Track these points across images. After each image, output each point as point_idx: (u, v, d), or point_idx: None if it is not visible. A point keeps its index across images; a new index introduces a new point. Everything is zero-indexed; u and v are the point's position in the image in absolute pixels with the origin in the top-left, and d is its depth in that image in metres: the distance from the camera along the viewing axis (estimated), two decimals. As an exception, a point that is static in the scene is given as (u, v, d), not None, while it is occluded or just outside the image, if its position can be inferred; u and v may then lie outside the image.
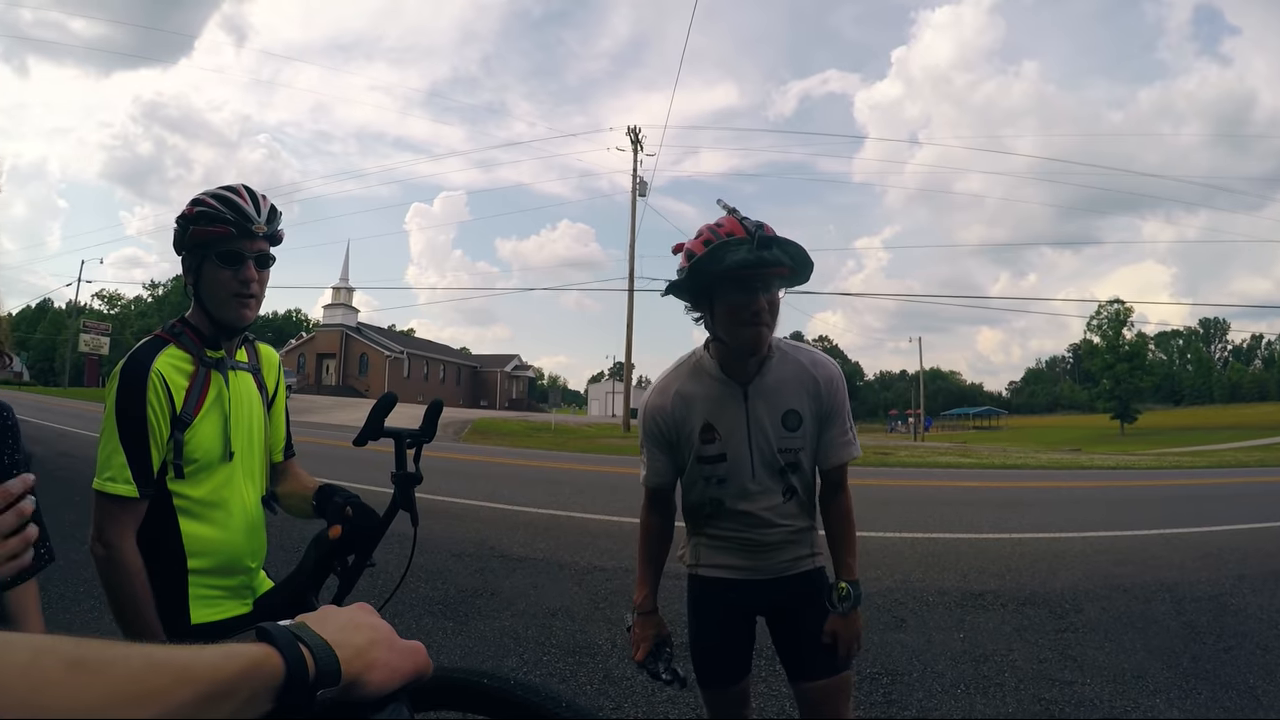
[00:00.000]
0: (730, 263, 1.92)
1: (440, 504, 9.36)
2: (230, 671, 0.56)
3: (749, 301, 1.97)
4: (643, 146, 37.36)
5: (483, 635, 4.73)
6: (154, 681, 0.51)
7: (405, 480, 1.74)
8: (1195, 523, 9.79)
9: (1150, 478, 18.16)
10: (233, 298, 1.84)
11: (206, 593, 1.86)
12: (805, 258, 2.00)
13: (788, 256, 1.97)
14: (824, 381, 2.19)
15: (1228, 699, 4.01)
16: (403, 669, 0.71)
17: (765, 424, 2.16)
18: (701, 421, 2.17)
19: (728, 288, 1.99)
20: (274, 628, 0.64)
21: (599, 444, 25.86)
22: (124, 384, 1.75)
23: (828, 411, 2.20)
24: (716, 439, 2.17)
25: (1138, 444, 48.94)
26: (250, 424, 1.98)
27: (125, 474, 1.71)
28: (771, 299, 2.02)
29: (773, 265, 1.95)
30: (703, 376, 2.21)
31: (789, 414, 2.17)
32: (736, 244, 1.92)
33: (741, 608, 2.29)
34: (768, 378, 2.17)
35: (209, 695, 0.53)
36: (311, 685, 0.62)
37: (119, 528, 1.72)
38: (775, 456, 2.17)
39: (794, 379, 2.18)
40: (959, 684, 4.13)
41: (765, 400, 2.16)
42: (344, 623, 0.71)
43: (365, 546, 1.74)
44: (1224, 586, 6.37)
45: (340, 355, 65.56)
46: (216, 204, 1.82)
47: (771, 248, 1.93)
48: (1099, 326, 71.30)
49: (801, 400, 2.18)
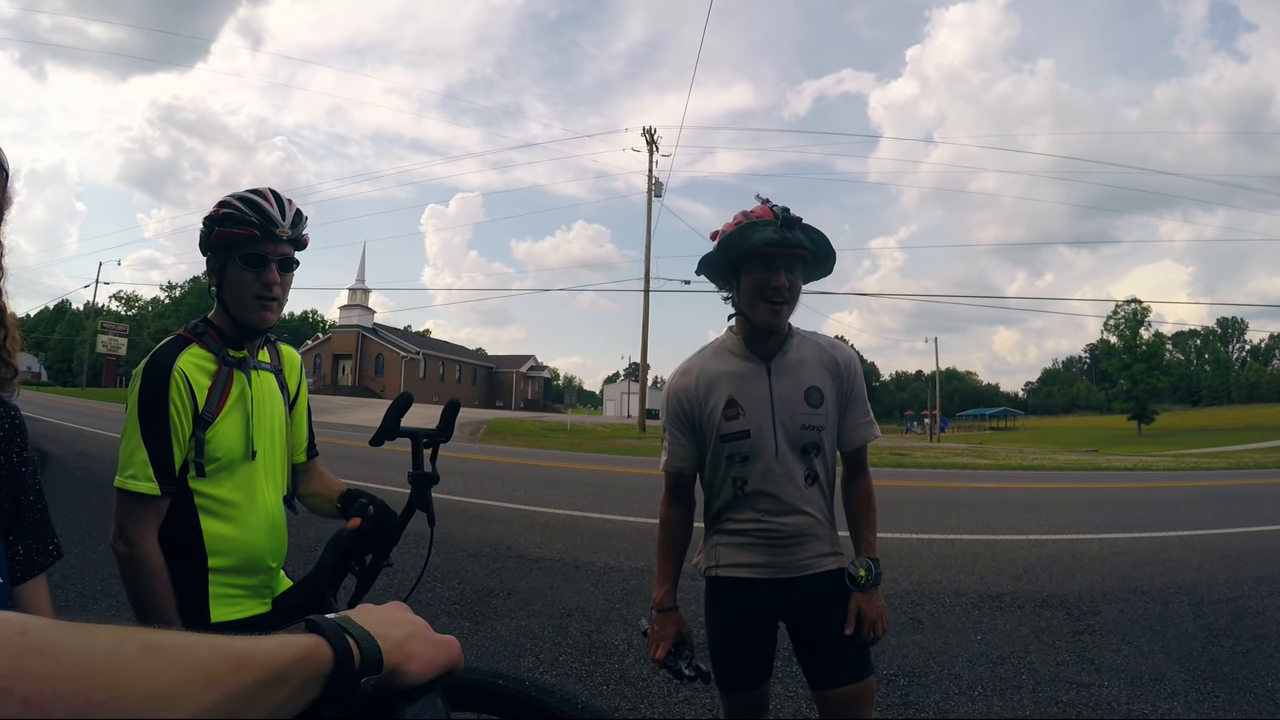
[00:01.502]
0: (756, 240, 2.06)
1: (456, 504, 9.41)
2: (285, 659, 0.61)
3: (771, 278, 2.09)
4: (658, 147, 37.26)
5: (499, 635, 4.76)
6: (220, 666, 0.55)
7: (422, 480, 1.75)
8: (1213, 525, 9.71)
9: (1168, 479, 18.01)
10: (254, 300, 1.85)
11: (227, 591, 1.87)
12: (827, 245, 2.15)
13: (810, 241, 2.10)
14: (843, 362, 2.28)
15: (1245, 702, 3.99)
16: (438, 660, 0.76)
17: (789, 399, 2.20)
18: (725, 397, 2.22)
19: (753, 264, 2.11)
20: (322, 620, 0.69)
21: (614, 444, 25.86)
22: (146, 382, 1.76)
23: (848, 392, 2.28)
24: (741, 414, 2.20)
25: (1155, 445, 48.58)
26: (272, 424, 1.99)
27: (147, 471, 1.72)
28: (793, 280, 2.12)
29: (795, 246, 2.07)
30: (726, 355, 2.28)
31: (811, 390, 2.22)
32: (763, 224, 2.07)
33: (762, 610, 2.26)
34: (789, 355, 2.24)
35: (267, 680, 0.58)
36: (357, 673, 0.68)
37: (141, 525, 1.73)
38: (799, 433, 2.20)
39: (814, 358, 2.26)
40: (976, 686, 4.12)
41: (789, 376, 2.22)
42: (383, 617, 0.77)
43: (383, 546, 1.75)
44: (1242, 589, 6.32)
45: (356, 356, 65.83)
46: (242, 206, 1.83)
47: (795, 229, 2.07)
48: (1116, 326, 70.71)
49: (823, 378, 2.24)
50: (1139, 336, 69.31)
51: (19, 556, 1.47)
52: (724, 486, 2.27)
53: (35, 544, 1.50)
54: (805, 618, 2.26)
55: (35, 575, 1.50)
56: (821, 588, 2.23)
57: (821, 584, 2.23)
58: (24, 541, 1.47)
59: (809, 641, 2.26)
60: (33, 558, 1.49)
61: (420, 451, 1.77)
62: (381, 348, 66.50)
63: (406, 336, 72.32)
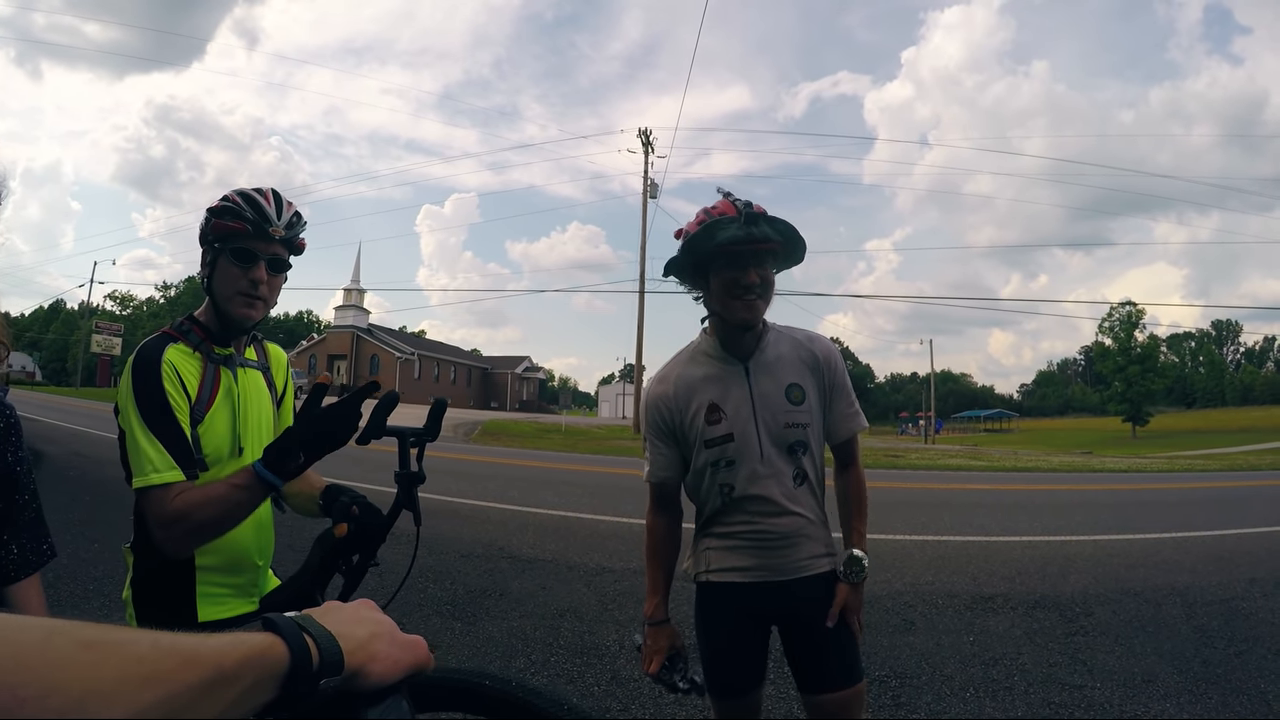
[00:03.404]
0: (721, 239, 2.02)
1: (449, 505, 9.37)
2: (236, 658, 0.58)
3: (740, 275, 2.05)
4: (654, 148, 37.30)
5: (491, 636, 4.74)
6: (162, 664, 0.53)
7: (408, 479, 1.72)
8: (1207, 526, 9.73)
9: (1162, 481, 18.05)
10: (239, 295, 1.83)
11: (214, 590, 1.85)
12: (795, 234, 2.09)
13: (776, 232, 2.05)
14: (822, 356, 2.25)
15: (1239, 703, 3.99)
16: (404, 661, 0.74)
17: (770, 398, 2.18)
18: (706, 402, 2.18)
19: (720, 263, 2.07)
20: (279, 618, 0.67)
21: (609, 445, 25.83)
22: (138, 374, 1.71)
23: (830, 384, 2.25)
24: (723, 418, 2.17)
25: (1149, 447, 48.70)
26: (260, 421, 1.97)
27: (166, 460, 1.65)
28: (764, 274, 2.08)
29: (761, 240, 2.03)
30: (702, 359, 2.25)
31: (792, 387, 2.19)
32: (727, 222, 2.04)
33: (754, 614, 2.23)
34: (767, 353, 2.21)
35: (214, 680, 0.55)
36: (315, 674, 0.65)
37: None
38: (783, 432, 2.17)
39: (791, 354, 2.23)
40: (968, 687, 4.12)
41: (768, 374, 2.19)
42: (347, 616, 0.74)
43: (370, 546, 1.73)
44: (1235, 590, 6.33)
45: (351, 356, 65.68)
46: (240, 201, 1.82)
47: (760, 224, 2.03)
48: (1111, 328, 70.91)
49: (803, 374, 2.22)
50: (1134, 339, 69.53)
51: (13, 555, 1.46)
52: (710, 494, 2.23)
53: (29, 543, 1.49)
54: (798, 621, 2.22)
55: (29, 574, 1.49)
56: (815, 591, 2.20)
57: (815, 586, 2.20)
58: (18, 540, 1.46)
59: (801, 645, 2.22)
60: (27, 557, 1.48)
61: (407, 451, 1.75)
62: (376, 348, 66.37)
63: (401, 337, 72.25)
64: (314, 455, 1.65)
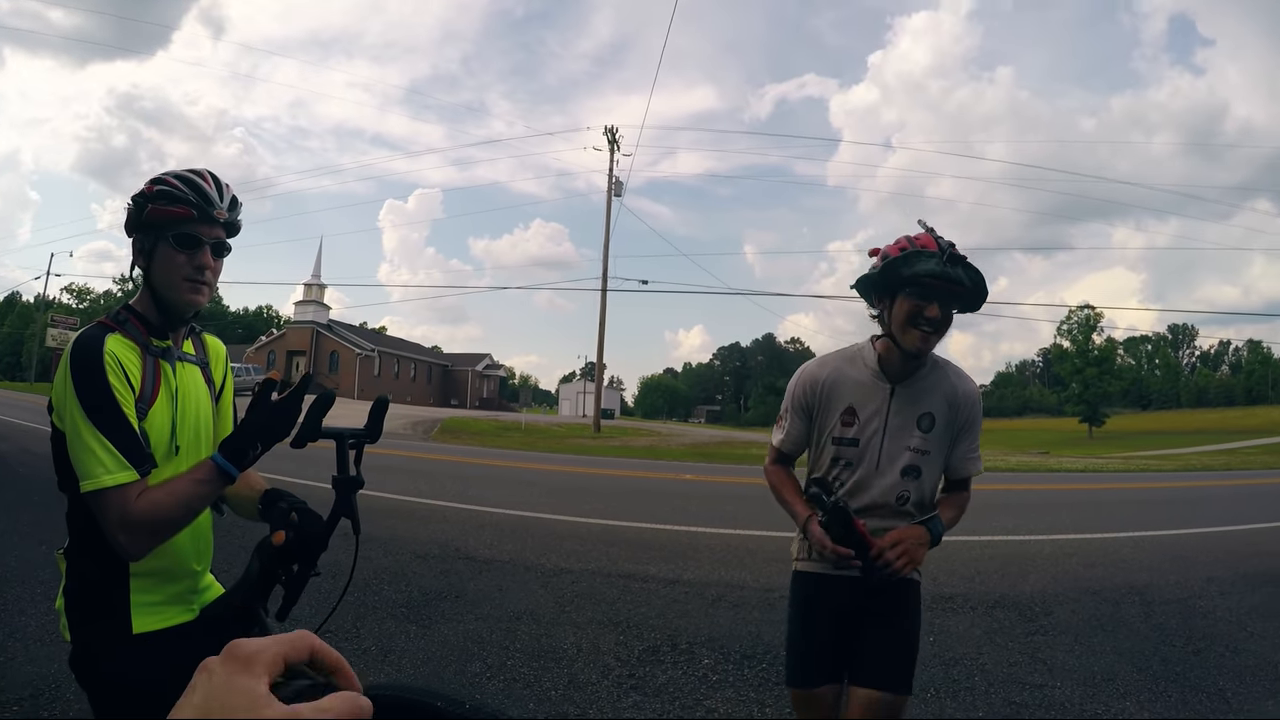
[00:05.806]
0: (919, 269, 2.11)
1: (405, 504, 9.24)
2: None
3: (925, 306, 2.14)
4: (619, 146, 37.21)
5: (446, 639, 4.62)
6: None
7: (346, 484, 1.64)
8: (1164, 526, 9.89)
9: (1119, 480, 18.36)
10: (185, 282, 1.72)
11: (149, 599, 1.72)
12: (983, 286, 2.18)
13: (969, 278, 2.13)
14: (964, 395, 2.35)
15: (1197, 701, 4.00)
16: None
17: (903, 420, 2.31)
18: (845, 404, 2.34)
19: (910, 291, 2.15)
20: None
21: (568, 444, 25.80)
22: (79, 367, 1.58)
23: (963, 424, 2.36)
24: (855, 423, 2.32)
25: (1106, 447, 49.59)
26: (198, 418, 1.85)
27: (117, 460, 1.54)
28: (946, 312, 2.17)
29: (955, 282, 2.11)
30: (860, 365, 2.37)
31: (924, 415, 2.31)
32: (929, 255, 2.12)
33: (832, 605, 2.36)
34: (916, 384, 2.32)
35: None
36: None
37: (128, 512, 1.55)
38: (902, 453, 2.30)
39: (937, 388, 2.34)
40: (929, 688, 4.07)
41: (909, 402, 2.31)
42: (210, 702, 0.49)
43: (309, 555, 1.62)
44: (1193, 589, 6.40)
45: (311, 352, 64.77)
46: (180, 185, 1.70)
47: (958, 266, 2.12)
48: (1069, 331, 72.05)
49: (939, 406, 2.32)
50: (1091, 341, 70.80)
51: None
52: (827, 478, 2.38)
53: None
54: (872, 615, 2.32)
55: None
56: (894, 593, 2.30)
57: (895, 589, 2.29)
58: None
59: (872, 638, 2.31)
60: None
61: (345, 453, 1.66)
62: (336, 344, 65.59)
63: (362, 333, 71.38)
64: (264, 449, 1.61)
